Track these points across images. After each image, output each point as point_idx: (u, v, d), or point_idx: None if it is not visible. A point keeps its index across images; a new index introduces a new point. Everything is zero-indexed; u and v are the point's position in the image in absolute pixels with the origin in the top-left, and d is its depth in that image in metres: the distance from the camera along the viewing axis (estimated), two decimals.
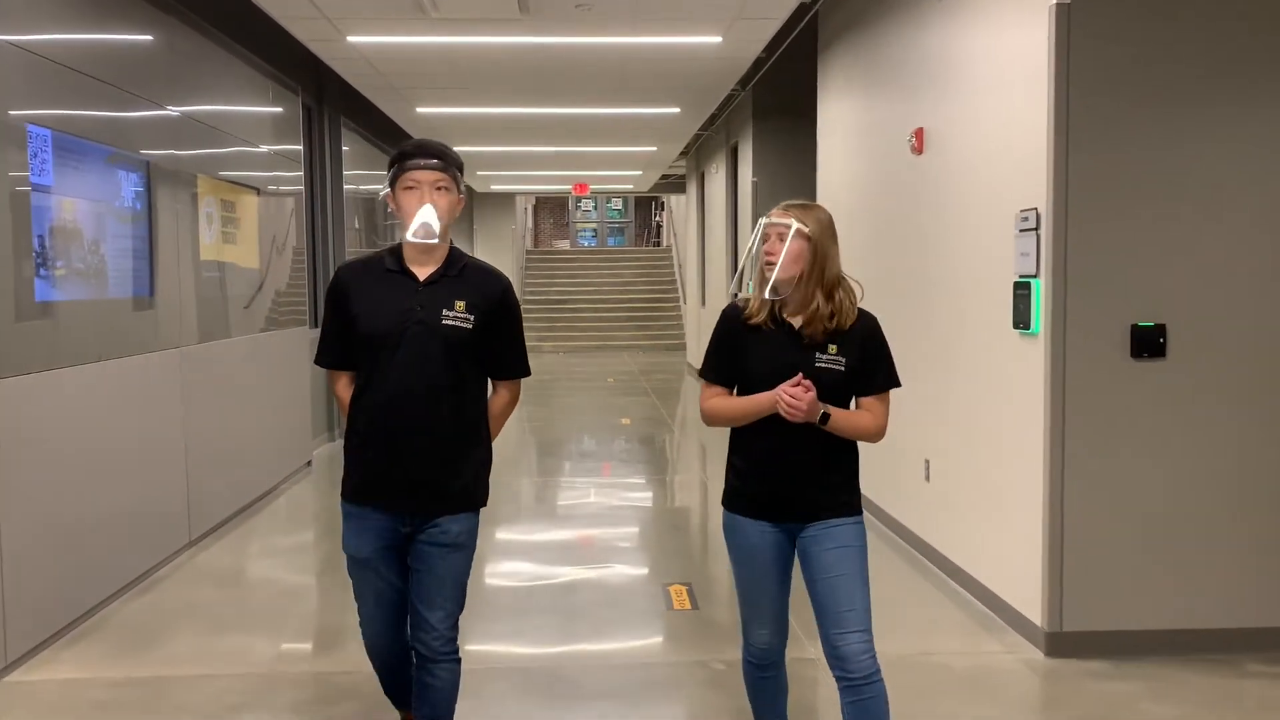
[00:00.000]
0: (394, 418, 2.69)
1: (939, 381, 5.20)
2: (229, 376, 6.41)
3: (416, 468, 2.72)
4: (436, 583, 2.74)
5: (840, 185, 7.13)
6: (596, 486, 7.59)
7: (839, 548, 2.67)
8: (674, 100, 9.56)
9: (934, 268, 5.29)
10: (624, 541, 6.04)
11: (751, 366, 2.70)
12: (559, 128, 11.08)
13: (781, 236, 2.66)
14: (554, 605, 4.77)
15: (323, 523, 6.65)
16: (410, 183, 2.67)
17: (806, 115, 10.24)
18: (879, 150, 6.24)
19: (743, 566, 2.78)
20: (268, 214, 7.34)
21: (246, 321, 6.80)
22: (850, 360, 2.69)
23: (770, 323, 2.69)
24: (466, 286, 2.74)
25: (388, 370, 2.68)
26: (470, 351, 2.73)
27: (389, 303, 2.70)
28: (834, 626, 2.64)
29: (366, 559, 2.80)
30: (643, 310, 21.73)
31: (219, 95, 6.45)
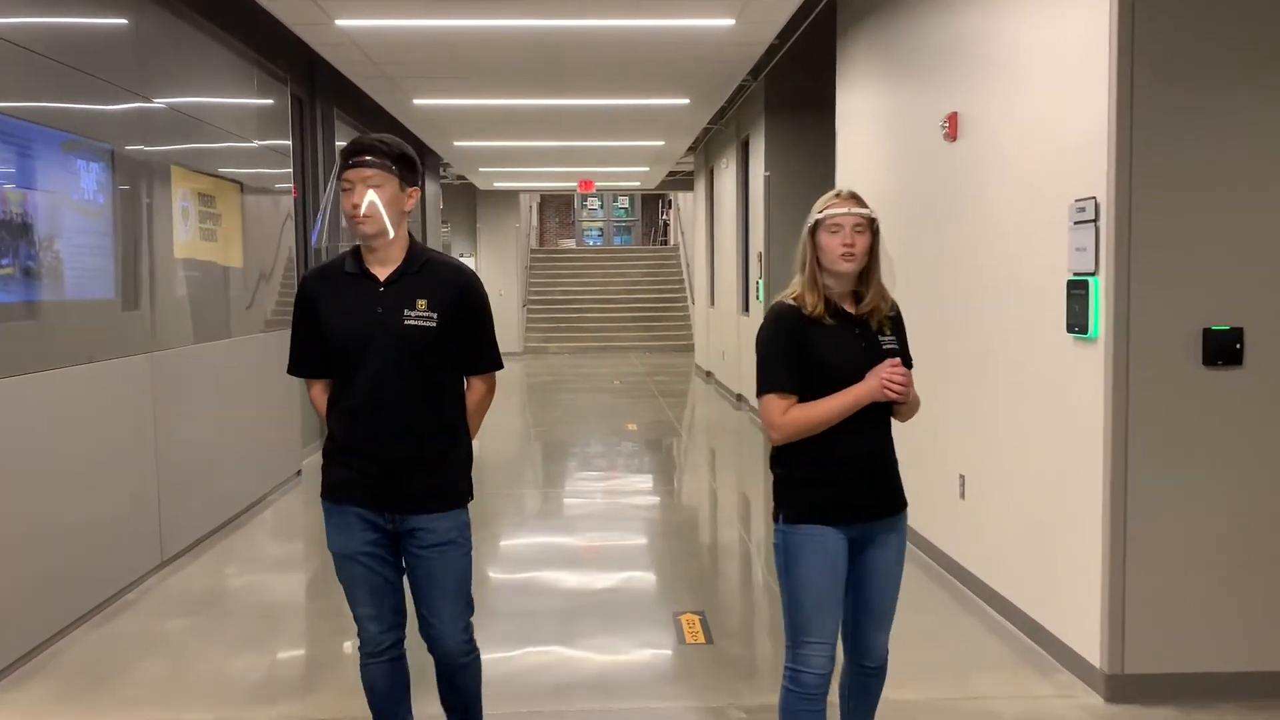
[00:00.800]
0: (369, 423, 2.65)
1: (975, 389, 4.75)
2: (208, 383, 5.98)
3: (396, 472, 2.67)
4: (438, 588, 2.71)
5: (862, 178, 6.68)
6: (601, 497, 7.15)
7: (899, 546, 2.70)
8: (683, 90, 9.11)
9: (970, 264, 4.84)
10: (630, 563, 5.60)
11: (828, 362, 2.60)
12: (563, 121, 10.64)
13: (860, 228, 2.62)
14: (554, 635, 4.34)
15: (311, 537, 6.22)
16: (346, 184, 2.60)
17: (822, 106, 9.80)
18: (906, 139, 5.79)
19: (818, 581, 2.62)
20: (253, 210, 6.91)
21: (229, 324, 6.37)
22: (900, 342, 2.74)
23: (828, 315, 2.62)
24: (428, 284, 2.67)
25: (358, 376, 2.64)
26: (438, 350, 2.66)
27: (352, 307, 2.65)
28: (874, 626, 2.68)
29: (353, 554, 2.72)
30: (650, 311, 21.29)
31: (197, 82, 6.02)
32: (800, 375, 2.59)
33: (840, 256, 2.60)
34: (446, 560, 2.71)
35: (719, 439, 10.04)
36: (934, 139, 5.22)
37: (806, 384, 2.59)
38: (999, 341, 4.50)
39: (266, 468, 7.08)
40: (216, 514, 6.08)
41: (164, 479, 5.32)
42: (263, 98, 7.19)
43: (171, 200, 5.51)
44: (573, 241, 31.66)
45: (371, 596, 2.74)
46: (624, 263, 23.66)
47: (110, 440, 4.79)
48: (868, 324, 2.66)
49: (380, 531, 2.70)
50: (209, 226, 6.09)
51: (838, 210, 2.62)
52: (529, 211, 24.44)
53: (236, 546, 5.85)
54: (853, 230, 2.61)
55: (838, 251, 2.60)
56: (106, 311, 4.79)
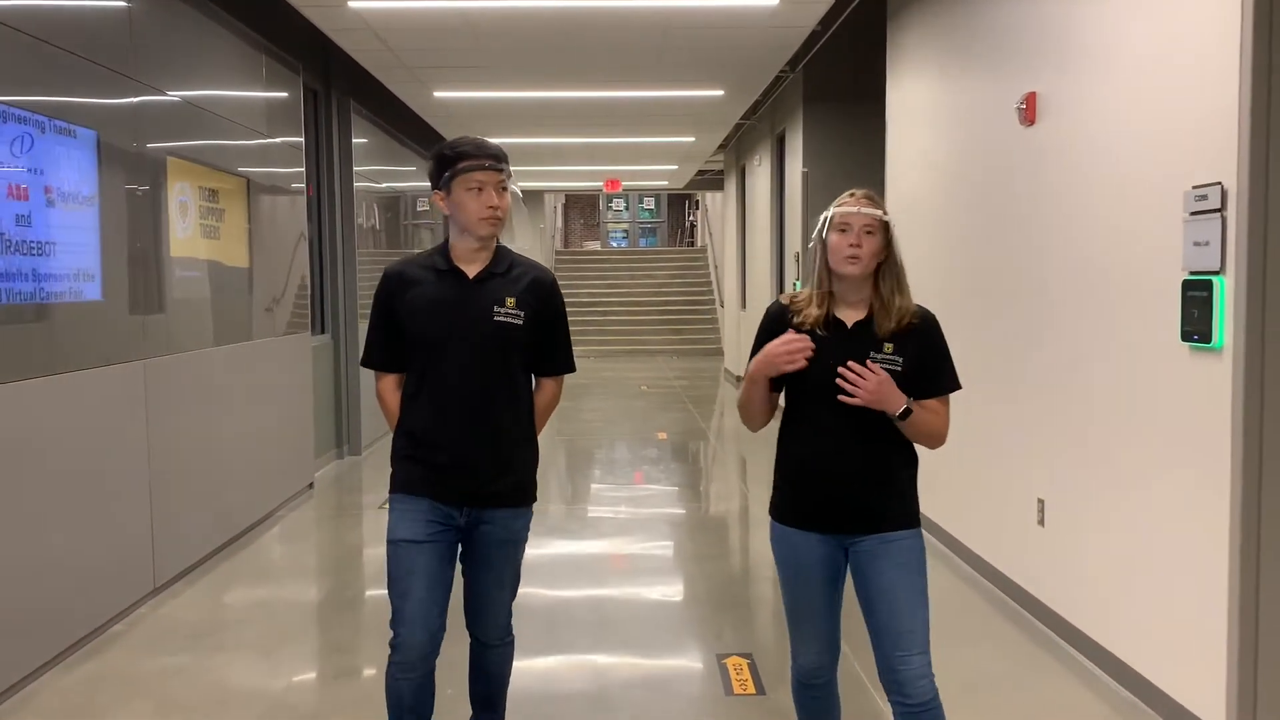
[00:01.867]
0: (452, 417, 2.67)
1: (1058, 403, 4.22)
2: (208, 391, 5.53)
3: (475, 466, 2.69)
4: (496, 579, 2.77)
5: (917, 172, 6.15)
6: (631, 517, 6.65)
7: (900, 564, 2.52)
8: (718, 81, 8.61)
9: (1053, 262, 4.31)
10: (667, 596, 5.10)
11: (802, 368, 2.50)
12: (590, 115, 10.17)
13: (870, 230, 2.49)
14: (585, 689, 3.84)
15: (322, 557, 5.76)
16: (475, 184, 2.65)
17: (864, 98, 9.27)
18: (970, 126, 5.26)
19: (790, 582, 2.63)
20: (262, 206, 6.47)
21: (232, 328, 5.92)
22: (908, 360, 2.51)
23: (822, 325, 2.52)
24: (516, 283, 2.73)
25: (441, 370, 2.67)
26: (521, 348, 2.72)
27: (440, 302, 2.69)
28: (894, 649, 2.50)
29: (420, 541, 2.68)
30: (677, 313, 20.79)
31: (199, 69, 5.57)
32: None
33: (845, 258, 2.48)
34: (511, 556, 2.78)
35: (753, 449, 9.51)
36: (1006, 124, 4.69)
37: (780, 384, 2.57)
38: (1091, 350, 3.96)
39: (275, 481, 6.62)
40: (216, 534, 5.63)
41: (158, 497, 4.87)
42: (273, 88, 6.74)
43: (167, 193, 5.07)
44: (598, 244, 31.23)
45: (428, 588, 2.68)
46: (650, 265, 23.17)
47: (95, 456, 4.34)
48: (867, 333, 2.51)
49: (450, 526, 2.71)
50: (211, 224, 5.64)
51: (847, 209, 2.51)
52: (554, 213, 23.98)
53: (239, 569, 5.39)
54: (861, 231, 2.48)
55: (844, 253, 2.49)
56: (91, 314, 4.34)
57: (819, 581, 2.57)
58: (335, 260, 8.60)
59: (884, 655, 2.51)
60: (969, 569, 5.15)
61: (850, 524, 2.54)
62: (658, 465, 8.52)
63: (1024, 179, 4.58)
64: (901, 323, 2.50)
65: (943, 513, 5.59)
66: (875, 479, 2.53)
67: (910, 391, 2.49)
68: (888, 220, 2.51)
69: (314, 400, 7.82)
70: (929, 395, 2.53)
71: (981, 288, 5.11)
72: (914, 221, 6.08)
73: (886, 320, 2.50)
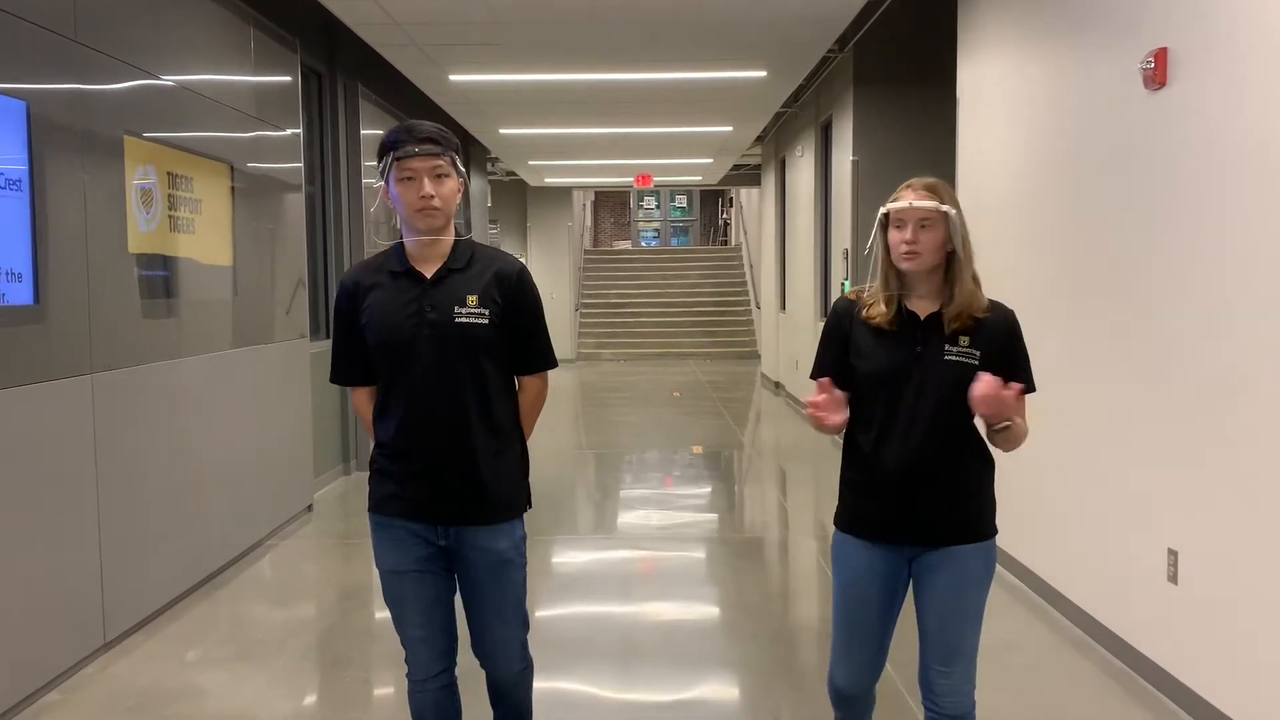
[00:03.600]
0: (420, 430, 2.48)
1: (1200, 433, 3.39)
2: (179, 408, 4.81)
3: (449, 480, 2.50)
4: (493, 610, 2.55)
5: (999, 158, 5.33)
6: (666, 549, 5.88)
7: (961, 579, 2.39)
8: (760, 60, 7.81)
9: (1188, 256, 3.48)
10: (707, 657, 4.32)
11: (862, 363, 2.43)
12: (619, 101, 9.39)
13: (927, 223, 2.34)
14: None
15: (317, 597, 5.01)
16: (407, 172, 2.43)
17: (921, 78, 8.44)
18: (1074, 98, 4.43)
19: (844, 594, 2.51)
20: (250, 197, 5.75)
21: (210, 334, 5.20)
22: (984, 355, 2.37)
23: (893, 322, 2.40)
24: (477, 278, 2.52)
25: (406, 380, 2.48)
26: (490, 348, 2.51)
27: (397, 307, 2.48)
28: (938, 662, 2.42)
29: (404, 570, 2.53)
30: (710, 314, 19.98)
31: (167, 37, 4.85)
32: (838, 369, 2.46)
33: (903, 255, 2.37)
34: (503, 582, 2.55)
35: (796, 466, 8.71)
36: (1124, 88, 3.87)
37: (848, 382, 2.46)
38: (1253, 368, 3.13)
39: (265, 505, 5.90)
40: (189, 572, 4.91)
41: (109, 535, 4.15)
42: (264, 65, 6.03)
43: (124, 178, 4.35)
44: (628, 243, 30.51)
45: (423, 616, 2.54)
46: (682, 264, 22.37)
47: (25, 488, 3.63)
48: (940, 327, 2.38)
49: (433, 546, 2.53)
50: (185, 216, 4.93)
51: (899, 204, 2.37)
52: (582, 211, 23.25)
53: (212, 615, 4.66)
54: (916, 226, 2.35)
55: (899, 250, 2.37)
56: (19, 321, 3.63)
57: (874, 599, 2.45)
58: (342, 259, 7.88)
59: (927, 664, 2.45)
60: (1075, 628, 4.33)
61: (922, 537, 2.41)
62: (693, 486, 7.72)
63: (1149, 154, 3.75)
64: (974, 315, 2.37)
65: (1041, 558, 4.77)
66: (952, 488, 2.39)
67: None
68: (946, 210, 2.34)
69: (317, 411, 7.10)
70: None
71: (1086, 290, 4.29)
72: (995, 217, 5.26)
73: (959, 313, 2.37)
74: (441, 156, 2.43)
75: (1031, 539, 4.75)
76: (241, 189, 5.62)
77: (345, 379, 2.61)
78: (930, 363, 2.36)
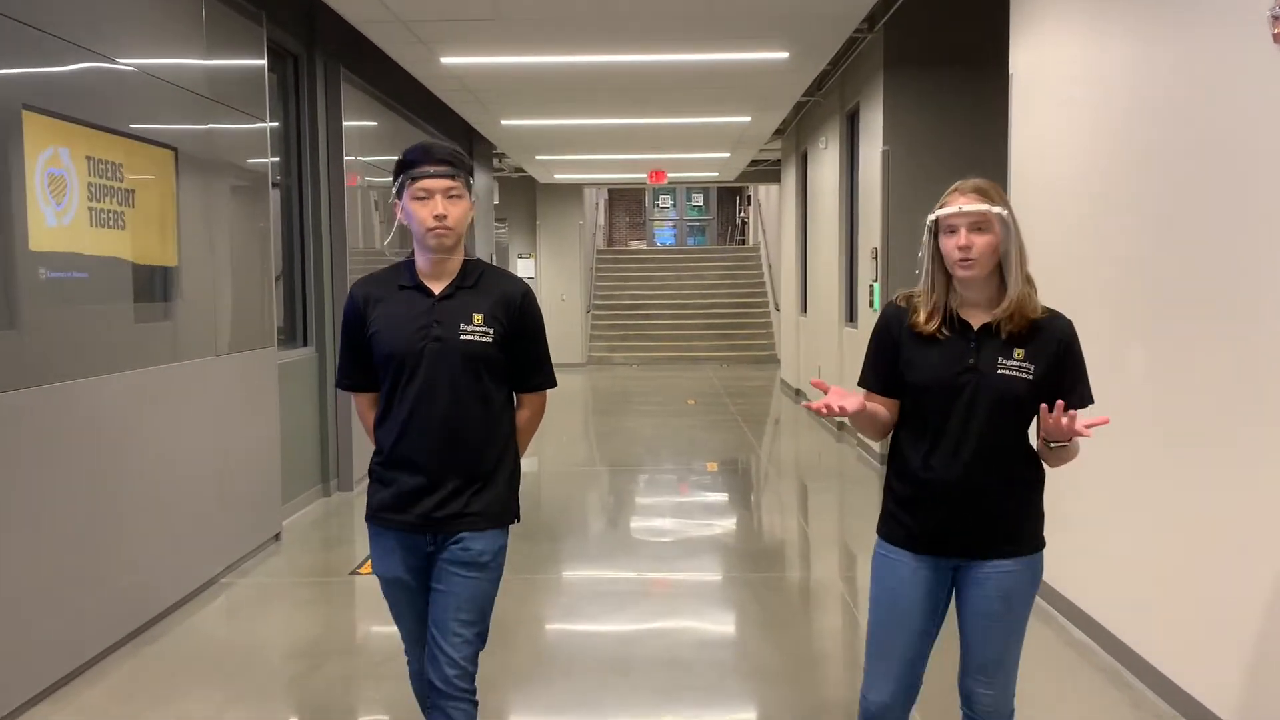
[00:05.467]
0: (418, 440, 2.55)
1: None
2: (100, 432, 4.11)
3: (444, 489, 2.55)
4: (454, 605, 2.55)
5: (1065, 151, 4.57)
6: (677, 573, 5.14)
7: (1007, 592, 2.32)
8: (782, 40, 7.06)
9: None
10: (725, 690, 3.58)
11: (913, 374, 2.34)
12: (630, 87, 8.66)
13: (979, 227, 2.24)
14: None
15: (276, 650, 4.27)
16: (421, 192, 2.50)
17: (960, 59, 7.67)
18: (1171, 72, 3.67)
19: (882, 605, 2.41)
20: (202, 189, 5.05)
21: (146, 346, 4.50)
22: (1040, 368, 2.28)
23: (944, 329, 2.31)
24: (484, 297, 2.59)
25: (409, 391, 2.55)
26: (492, 365, 2.58)
27: (405, 320, 2.56)
28: (979, 673, 2.38)
29: (398, 578, 2.61)
30: (726, 317, 19.23)
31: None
32: (888, 378, 2.39)
33: (957, 263, 2.26)
34: (471, 582, 2.56)
35: (821, 484, 7.95)
36: (1243, 51, 3.10)
37: (899, 391, 2.38)
38: None
39: (218, 539, 5.20)
40: (111, 625, 4.20)
41: (9, 586, 3.45)
42: (219, 37, 5.33)
43: (25, 164, 3.64)
44: (643, 242, 29.81)
45: (415, 623, 2.64)
46: (698, 264, 21.62)
47: None
48: (995, 337, 2.28)
49: (424, 556, 2.59)
50: (112, 209, 4.23)
51: (948, 209, 2.27)
52: (595, 209, 22.53)
53: (134, 679, 3.94)
54: (969, 231, 2.24)
55: (954, 257, 2.26)
56: None
57: (913, 611, 2.38)
58: (321, 260, 7.18)
59: (967, 672, 2.41)
60: (1151, 694, 3.57)
61: (969, 550, 2.34)
62: (705, 513, 6.98)
63: (1275, 122, 2.99)
64: (1030, 320, 2.29)
65: (1111, 609, 4.02)
66: (1002, 501, 2.33)
67: (1039, 401, 2.25)
68: (999, 212, 2.25)
69: (290, 428, 6.40)
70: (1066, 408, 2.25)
71: (1181, 296, 3.53)
72: (1059, 215, 4.52)
73: (1013, 319, 2.28)
74: (456, 178, 2.50)
75: (1095, 582, 3.98)
76: (191, 179, 4.92)
77: (349, 384, 2.69)
78: (984, 376, 2.27)
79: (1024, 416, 2.29)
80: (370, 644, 4.38)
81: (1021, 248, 2.28)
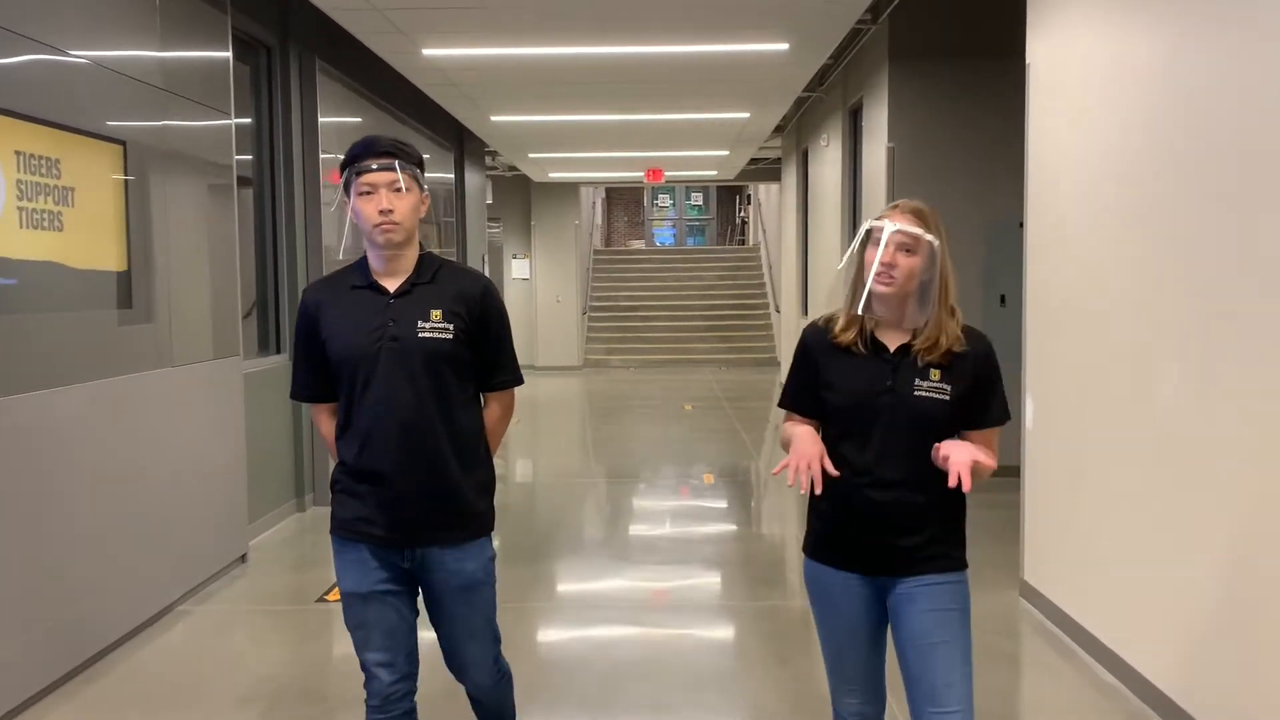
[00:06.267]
0: (382, 447, 2.42)
1: None
2: (34, 452, 3.74)
3: (414, 500, 2.44)
4: (466, 629, 2.53)
5: (1091, 152, 4.20)
6: (670, 625, 4.77)
7: (937, 610, 2.29)
8: (782, 30, 6.69)
9: None
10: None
11: (833, 395, 2.34)
12: (623, 81, 8.29)
13: (907, 248, 2.24)
14: None
15: (233, 689, 3.89)
16: (365, 187, 2.41)
17: (971, 52, 7.32)
18: (1224, 60, 3.30)
19: (826, 624, 2.41)
20: (157, 187, 4.69)
21: (96, 358, 4.13)
22: (958, 389, 2.29)
23: (860, 344, 2.32)
24: (441, 293, 2.48)
25: (368, 397, 2.43)
26: (454, 364, 2.47)
27: (359, 322, 2.45)
28: (929, 703, 2.26)
29: (367, 592, 2.45)
30: (726, 319, 18.86)
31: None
32: (808, 397, 2.38)
33: (876, 276, 2.25)
34: (474, 603, 2.52)
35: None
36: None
37: (818, 410, 2.37)
38: None
39: (175, 562, 4.83)
40: (51, 662, 3.83)
41: None
42: (174, 22, 4.97)
43: None
44: (642, 242, 29.46)
45: (386, 639, 2.46)
46: (697, 265, 21.25)
47: None
48: (911, 360, 2.29)
49: (397, 569, 2.47)
50: (48, 208, 3.86)
51: (883, 224, 2.27)
52: (592, 209, 22.16)
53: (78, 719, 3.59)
54: (896, 249, 2.24)
55: (874, 269, 2.25)
56: None
57: (858, 627, 2.36)
58: (295, 263, 6.81)
59: (918, 710, 2.28)
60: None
61: (894, 565, 2.31)
62: (704, 530, 6.61)
63: None
64: (948, 348, 2.27)
65: (1160, 667, 3.66)
66: (918, 516, 2.29)
67: (954, 422, 2.29)
68: (930, 240, 2.24)
69: (260, 440, 6.05)
70: (978, 426, 2.32)
71: (1231, 310, 3.16)
72: (1082, 223, 4.15)
73: (931, 346, 2.27)
74: (399, 171, 2.40)
75: (1143, 637, 3.62)
76: (144, 177, 4.55)
77: (304, 395, 2.56)
78: (901, 397, 2.28)
79: (941, 437, 2.28)
80: (340, 679, 4.01)
81: (948, 279, 2.28)
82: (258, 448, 6.04)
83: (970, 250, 7.19)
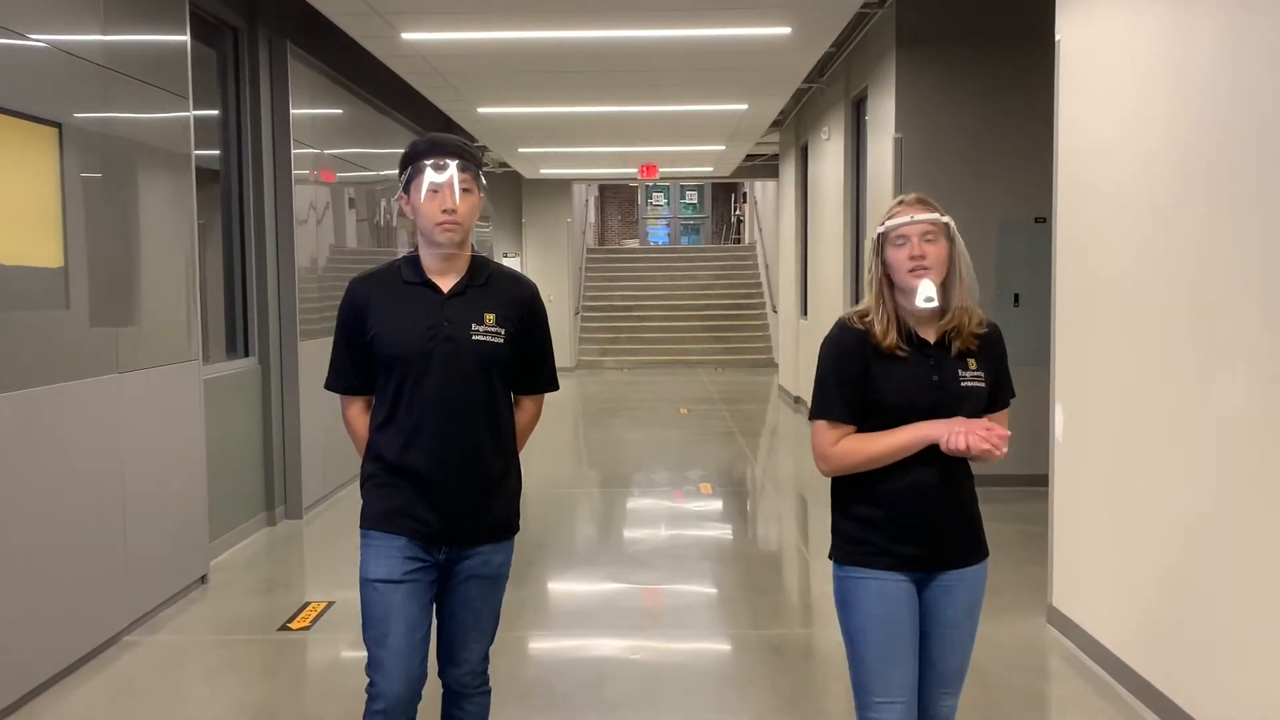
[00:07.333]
0: (428, 445, 2.45)
1: None
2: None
3: (456, 498, 2.47)
4: (475, 617, 2.56)
5: (1132, 144, 3.79)
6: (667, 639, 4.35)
7: (970, 601, 2.36)
8: (784, 12, 6.27)
9: None
10: None
11: (890, 401, 2.28)
12: (616, 71, 7.87)
13: (929, 236, 2.27)
14: None
15: (205, 699, 3.46)
16: (430, 185, 2.44)
17: (986, 37, 6.91)
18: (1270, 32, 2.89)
19: (878, 632, 2.31)
20: (102, 175, 4.26)
21: (23, 365, 3.70)
22: (990, 377, 2.35)
23: (902, 344, 2.30)
24: (494, 297, 2.53)
25: (416, 394, 2.45)
26: (501, 368, 2.52)
27: (412, 319, 2.47)
28: (940, 685, 2.37)
29: (398, 581, 2.44)
30: (721, 319, 18.46)
31: None
32: (857, 406, 2.31)
33: (910, 272, 2.26)
34: (490, 596, 2.58)
35: (818, 499, 7.16)
36: None
37: (865, 416, 2.31)
38: None
39: (122, 588, 4.40)
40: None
41: None
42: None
43: None
44: (636, 241, 29.04)
45: (407, 634, 2.44)
46: (692, 264, 20.84)
47: None
48: (948, 351, 2.31)
49: (427, 564, 2.48)
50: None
51: (899, 220, 2.29)
52: (585, 206, 21.73)
53: None
54: (921, 240, 2.27)
55: (906, 266, 2.27)
56: None
57: (908, 630, 2.31)
58: (265, 261, 6.38)
59: (926, 691, 2.36)
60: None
61: (945, 560, 2.32)
62: (698, 549, 6.19)
63: None
64: (975, 334, 2.32)
65: (1219, 714, 3.25)
66: (962, 508, 2.34)
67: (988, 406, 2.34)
68: (948, 221, 2.30)
69: (229, 448, 5.64)
70: (998, 408, 2.39)
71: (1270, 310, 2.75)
72: (1121, 218, 3.75)
73: (964, 334, 2.31)
74: (465, 171, 2.43)
75: (1191, 673, 3.21)
76: (82, 165, 4.12)
77: (342, 386, 2.55)
78: (951, 391, 2.28)
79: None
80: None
81: (967, 261, 2.29)
82: (222, 459, 5.62)
83: (982, 246, 6.78)
